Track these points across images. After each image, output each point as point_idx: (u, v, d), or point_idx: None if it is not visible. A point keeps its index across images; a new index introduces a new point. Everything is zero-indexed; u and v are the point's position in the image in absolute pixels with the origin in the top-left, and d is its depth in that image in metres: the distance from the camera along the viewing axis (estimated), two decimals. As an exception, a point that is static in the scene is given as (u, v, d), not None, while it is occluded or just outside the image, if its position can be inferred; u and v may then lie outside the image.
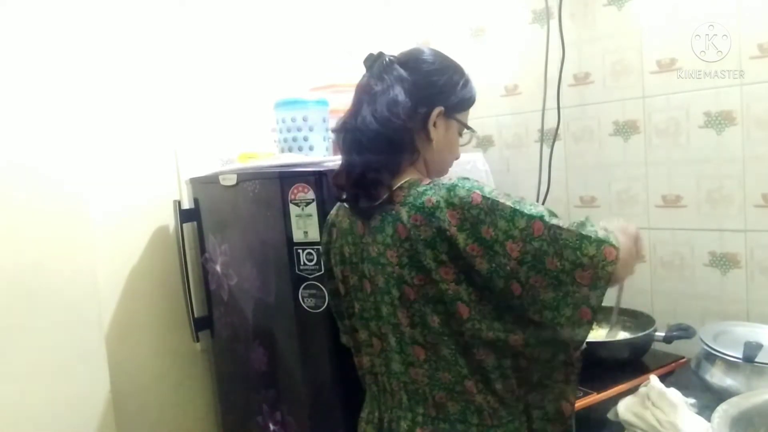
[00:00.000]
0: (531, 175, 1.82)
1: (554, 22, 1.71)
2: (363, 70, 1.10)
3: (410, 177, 1.02)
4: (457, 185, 0.94)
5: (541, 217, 0.90)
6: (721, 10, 1.42)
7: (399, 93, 1.01)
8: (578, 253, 0.88)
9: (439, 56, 1.09)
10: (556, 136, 1.76)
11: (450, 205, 0.92)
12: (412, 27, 2.13)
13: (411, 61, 1.06)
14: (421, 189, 0.97)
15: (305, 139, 1.63)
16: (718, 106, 1.46)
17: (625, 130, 1.64)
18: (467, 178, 0.97)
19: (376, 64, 1.07)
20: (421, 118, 1.04)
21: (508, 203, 0.91)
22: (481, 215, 0.90)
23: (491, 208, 0.90)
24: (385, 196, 1.00)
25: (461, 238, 0.91)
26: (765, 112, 1.39)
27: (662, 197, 1.59)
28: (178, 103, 1.86)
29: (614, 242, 0.90)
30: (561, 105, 1.74)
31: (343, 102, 1.87)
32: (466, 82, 1.10)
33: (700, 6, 1.45)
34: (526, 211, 0.90)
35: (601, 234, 0.91)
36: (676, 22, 1.50)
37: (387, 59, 1.06)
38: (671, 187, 1.57)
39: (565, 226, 0.90)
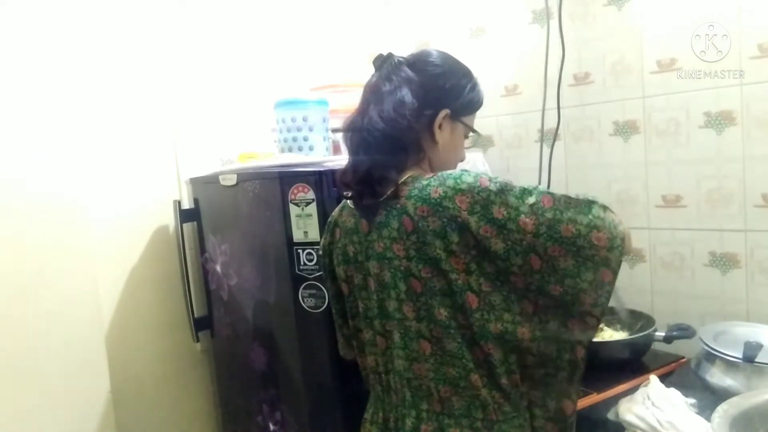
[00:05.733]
0: (531, 175, 1.82)
1: (554, 22, 1.71)
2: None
3: (413, 173, 1.03)
4: (462, 174, 0.96)
5: (549, 192, 0.94)
6: (721, 10, 1.42)
7: (406, 94, 1.02)
8: (590, 216, 0.93)
9: (448, 59, 1.10)
10: (556, 136, 1.76)
11: (458, 191, 0.93)
12: (412, 27, 2.13)
13: (419, 62, 1.07)
14: (425, 181, 0.98)
15: (305, 139, 1.63)
16: (718, 106, 1.46)
17: (625, 130, 1.64)
18: (468, 170, 0.98)
19: (384, 64, 1.07)
20: (426, 119, 1.05)
21: (515, 185, 0.94)
22: (491, 196, 0.92)
23: (500, 189, 0.93)
24: (389, 192, 1.01)
25: (473, 221, 0.92)
26: (765, 112, 1.39)
27: (662, 197, 1.59)
28: (178, 103, 1.86)
29: (613, 211, 0.96)
30: (561, 105, 1.74)
31: (343, 102, 1.87)
32: (474, 85, 1.11)
33: (700, 6, 1.45)
34: (533, 189, 0.94)
35: (601, 202, 0.96)
36: (676, 22, 1.50)
37: (396, 60, 1.07)
38: (671, 187, 1.57)
39: (573, 196, 0.94)
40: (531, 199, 0.92)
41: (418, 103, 1.02)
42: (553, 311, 0.97)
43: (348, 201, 1.12)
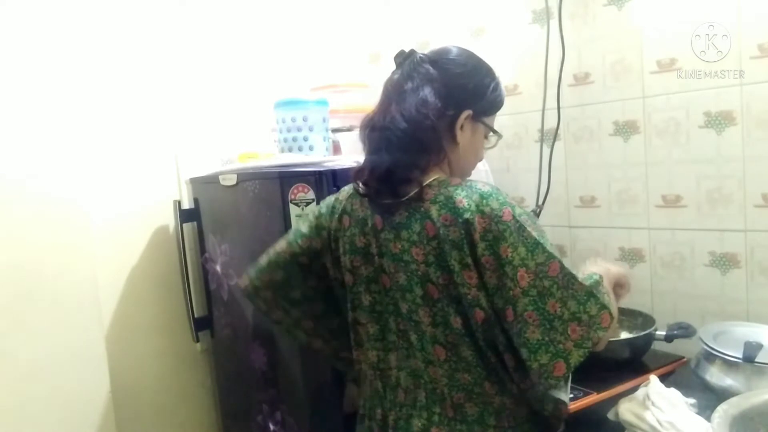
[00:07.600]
0: (531, 175, 1.82)
1: (554, 22, 1.71)
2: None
3: (437, 175, 1.01)
4: (491, 194, 0.95)
5: (560, 260, 0.92)
6: (721, 10, 1.42)
7: (429, 93, 1.00)
8: (581, 307, 0.91)
9: (471, 57, 1.07)
10: (556, 136, 1.76)
11: (480, 212, 0.93)
12: (412, 27, 2.13)
13: (442, 60, 1.04)
14: (451, 189, 0.97)
15: (305, 139, 1.64)
16: (718, 106, 1.46)
17: (625, 130, 1.64)
18: (499, 190, 0.97)
19: (406, 61, 1.05)
20: (448, 120, 1.02)
21: (534, 233, 0.92)
22: (506, 233, 0.91)
23: (518, 229, 0.91)
24: (412, 193, 0.99)
25: (480, 247, 0.92)
26: (765, 112, 1.39)
27: (662, 197, 1.59)
28: (179, 103, 1.87)
29: (613, 311, 0.94)
30: (561, 105, 1.74)
31: (343, 102, 1.87)
32: (497, 85, 1.08)
33: (700, 6, 1.45)
34: (547, 247, 0.92)
35: (605, 299, 0.94)
36: (676, 22, 1.50)
37: (418, 57, 1.05)
38: (671, 187, 1.57)
39: (578, 279, 0.93)
40: (540, 258, 0.91)
41: (441, 103, 1.00)
42: None
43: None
